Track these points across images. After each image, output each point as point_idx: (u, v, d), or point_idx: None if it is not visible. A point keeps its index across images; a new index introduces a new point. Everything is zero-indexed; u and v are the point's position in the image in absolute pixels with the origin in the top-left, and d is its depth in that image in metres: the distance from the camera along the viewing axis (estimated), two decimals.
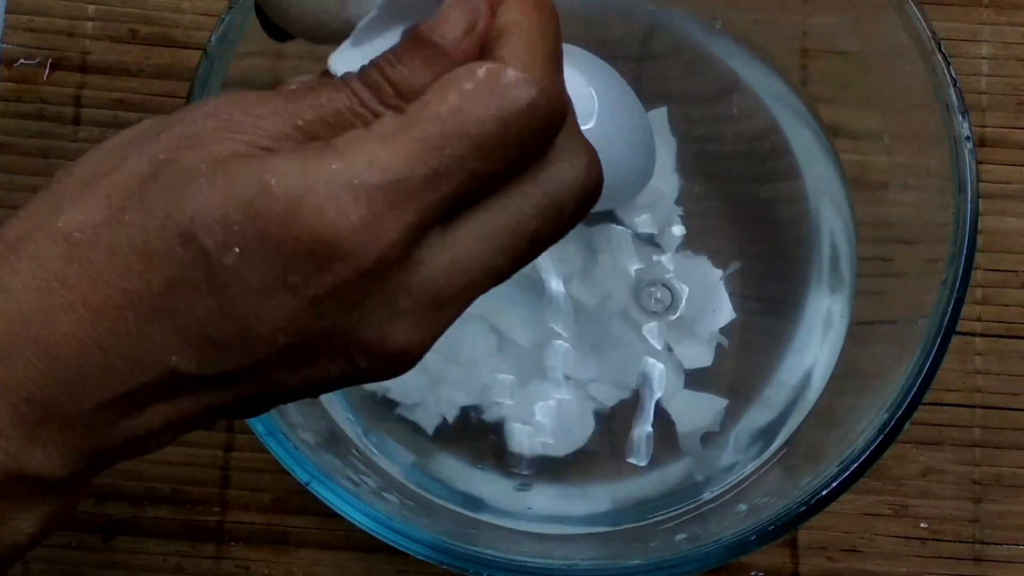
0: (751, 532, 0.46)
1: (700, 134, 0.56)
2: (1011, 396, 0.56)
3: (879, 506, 0.55)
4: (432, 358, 0.52)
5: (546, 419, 0.53)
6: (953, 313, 0.47)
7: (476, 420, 0.54)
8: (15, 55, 0.58)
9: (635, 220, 0.55)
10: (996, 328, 0.57)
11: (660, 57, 0.57)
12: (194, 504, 0.55)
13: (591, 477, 0.54)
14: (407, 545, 0.46)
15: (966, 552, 0.55)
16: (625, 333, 0.54)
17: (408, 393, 0.53)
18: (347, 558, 0.55)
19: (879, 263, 0.54)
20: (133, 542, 0.55)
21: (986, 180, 0.56)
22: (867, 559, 0.55)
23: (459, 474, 0.54)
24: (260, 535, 0.55)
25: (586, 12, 0.56)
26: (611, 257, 0.54)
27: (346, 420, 0.54)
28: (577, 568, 0.48)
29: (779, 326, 0.55)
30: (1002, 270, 0.57)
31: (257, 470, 0.55)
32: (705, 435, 0.54)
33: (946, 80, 0.48)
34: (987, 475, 0.56)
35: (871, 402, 0.48)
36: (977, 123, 0.57)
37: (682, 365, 0.54)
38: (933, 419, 0.56)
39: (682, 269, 0.54)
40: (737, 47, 0.56)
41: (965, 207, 0.47)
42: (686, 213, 0.55)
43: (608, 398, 0.54)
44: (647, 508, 0.53)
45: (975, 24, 0.58)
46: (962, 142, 0.47)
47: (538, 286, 0.54)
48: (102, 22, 0.59)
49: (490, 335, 0.53)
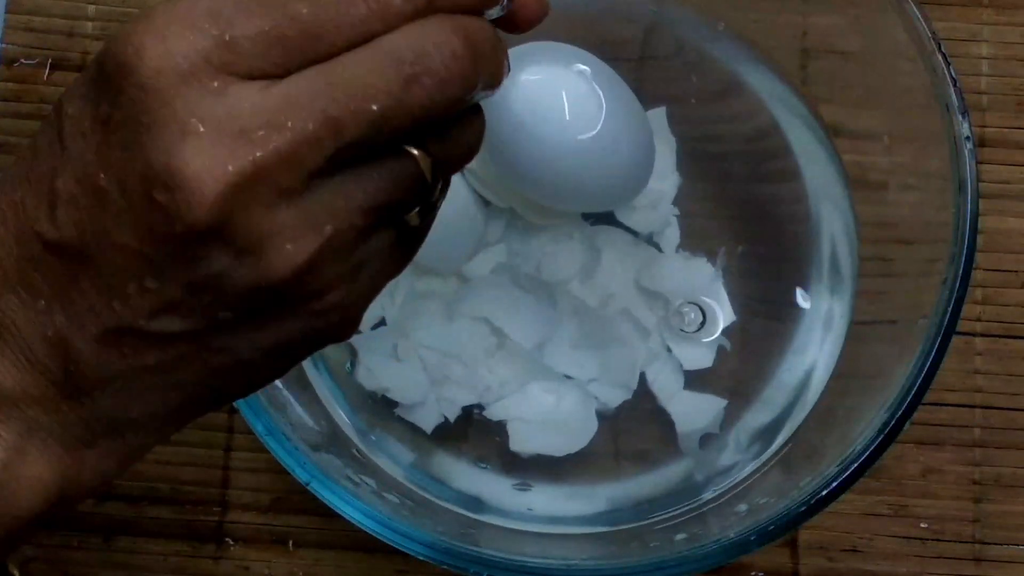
0: (751, 532, 0.46)
1: (700, 134, 0.56)
2: (1011, 396, 0.56)
3: (879, 506, 0.55)
4: (433, 357, 0.53)
5: (547, 419, 0.53)
6: (953, 313, 0.47)
7: (476, 420, 0.54)
8: (15, 55, 0.58)
9: (635, 220, 0.55)
10: (996, 328, 0.57)
11: (660, 57, 0.57)
12: (194, 504, 0.55)
13: (591, 477, 0.54)
14: (407, 545, 0.46)
15: (966, 552, 0.55)
16: (626, 333, 0.54)
17: (408, 393, 0.53)
18: (347, 558, 0.55)
19: (879, 263, 0.54)
20: (133, 542, 0.55)
21: (986, 180, 0.57)
22: (867, 559, 0.55)
23: (459, 474, 0.54)
24: (260, 535, 0.55)
25: (586, 12, 0.56)
26: (612, 257, 0.54)
27: (346, 420, 0.54)
28: (577, 568, 0.48)
29: (779, 326, 0.55)
30: (1002, 270, 0.57)
31: (257, 470, 0.55)
32: (705, 435, 0.54)
33: (946, 80, 0.48)
34: (987, 475, 0.56)
35: (871, 402, 0.48)
36: (977, 123, 0.57)
37: (682, 366, 0.54)
38: (933, 419, 0.56)
39: (682, 269, 0.54)
40: (737, 47, 0.56)
41: (965, 207, 0.47)
42: (686, 213, 0.55)
43: (609, 398, 0.54)
44: (647, 508, 0.53)
45: (975, 24, 0.59)
46: (962, 142, 0.47)
47: (540, 287, 0.54)
48: (102, 22, 0.59)
49: (491, 335, 0.53)
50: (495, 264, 0.54)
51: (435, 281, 0.54)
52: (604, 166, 0.50)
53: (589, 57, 0.50)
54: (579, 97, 0.49)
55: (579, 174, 0.50)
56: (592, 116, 0.49)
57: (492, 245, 0.54)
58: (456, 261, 0.54)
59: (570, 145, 0.49)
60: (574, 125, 0.49)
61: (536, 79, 0.48)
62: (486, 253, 0.54)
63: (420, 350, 0.53)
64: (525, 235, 0.54)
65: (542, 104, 0.48)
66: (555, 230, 0.54)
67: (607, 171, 0.50)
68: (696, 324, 0.54)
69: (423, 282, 0.54)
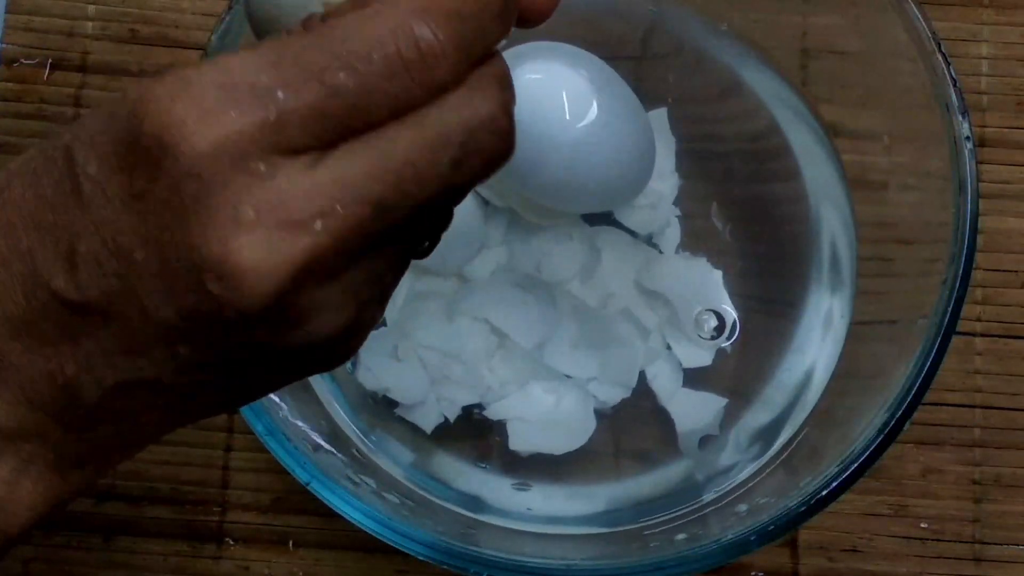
0: (751, 532, 0.46)
1: (700, 134, 0.56)
2: (1011, 396, 0.56)
3: (879, 506, 0.55)
4: (433, 357, 0.53)
5: (546, 419, 0.53)
6: (953, 313, 0.47)
7: (476, 420, 0.54)
8: (15, 55, 0.58)
9: (635, 220, 0.55)
10: (996, 328, 0.57)
11: (660, 57, 0.57)
12: (194, 504, 0.55)
13: (591, 477, 0.54)
14: (407, 545, 0.46)
15: (966, 552, 0.55)
16: (626, 333, 0.54)
17: (408, 393, 0.53)
18: (347, 558, 0.55)
19: (879, 263, 0.54)
20: (133, 542, 0.55)
21: (986, 180, 0.57)
22: (867, 559, 0.55)
23: (459, 474, 0.54)
24: (260, 535, 0.55)
25: (586, 12, 0.56)
26: (612, 258, 0.54)
27: (346, 420, 0.54)
28: (577, 568, 0.48)
29: (779, 326, 0.55)
30: (1002, 270, 0.57)
31: (257, 470, 0.55)
32: (705, 435, 0.54)
33: (946, 80, 0.48)
34: (987, 475, 0.56)
35: (871, 402, 0.48)
36: (977, 123, 0.57)
37: (681, 365, 0.54)
38: (933, 419, 0.56)
39: (682, 269, 0.54)
40: (737, 47, 0.56)
41: (965, 207, 0.47)
42: (686, 213, 0.55)
43: (609, 397, 0.54)
44: (647, 508, 0.53)
45: (975, 24, 0.59)
46: (962, 142, 0.47)
47: (540, 287, 0.54)
48: (102, 22, 0.59)
49: (491, 335, 0.53)
50: (495, 265, 0.54)
51: (435, 281, 0.54)
52: (604, 165, 0.50)
53: (589, 57, 0.50)
54: (579, 96, 0.49)
55: (579, 174, 0.50)
56: (592, 116, 0.49)
57: (492, 246, 0.54)
58: (456, 261, 0.54)
59: (570, 145, 0.49)
60: (574, 124, 0.49)
61: (536, 78, 0.48)
62: (486, 254, 0.54)
63: (420, 350, 0.53)
64: (525, 235, 0.54)
65: (542, 103, 0.48)
66: (555, 230, 0.54)
67: (607, 170, 0.50)
68: (712, 331, 0.54)
69: (423, 282, 0.54)
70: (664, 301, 0.54)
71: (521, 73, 0.48)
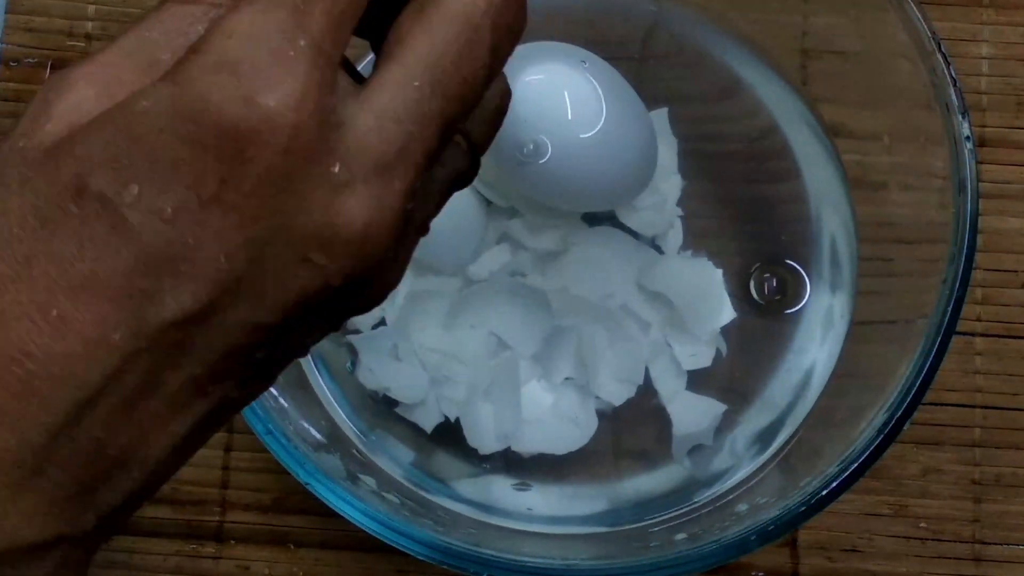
0: (751, 532, 0.46)
1: (701, 134, 0.56)
2: (1011, 396, 0.56)
3: (879, 506, 0.55)
4: (433, 357, 0.53)
5: (547, 418, 0.53)
6: (953, 313, 0.47)
7: None
8: (15, 55, 0.58)
9: (636, 220, 0.54)
10: (996, 328, 0.57)
11: (661, 57, 0.57)
12: (194, 504, 0.55)
13: (591, 477, 0.54)
14: (407, 545, 0.46)
15: (966, 552, 0.55)
16: (627, 332, 0.54)
17: (408, 393, 0.53)
18: (347, 558, 0.55)
19: (879, 263, 0.54)
20: (132, 542, 0.55)
21: (986, 180, 0.57)
22: (867, 559, 0.55)
23: (459, 474, 0.54)
24: (260, 535, 0.55)
25: (586, 12, 0.56)
26: (613, 258, 0.54)
27: (346, 420, 0.54)
28: (577, 568, 0.48)
29: (779, 326, 0.55)
30: (1002, 270, 0.57)
31: (257, 470, 0.55)
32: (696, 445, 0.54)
33: (946, 80, 0.48)
34: (987, 475, 0.56)
35: (871, 402, 0.48)
36: (977, 123, 0.57)
37: (682, 365, 0.54)
38: (933, 419, 0.56)
39: (683, 270, 0.54)
40: (737, 47, 0.56)
41: (965, 207, 0.47)
42: (687, 213, 0.55)
43: (612, 397, 0.54)
44: (647, 508, 0.53)
45: (975, 24, 0.59)
46: (962, 142, 0.47)
47: (539, 292, 0.53)
48: (102, 22, 0.59)
49: (491, 335, 0.53)
50: (496, 266, 0.54)
51: (435, 281, 0.54)
52: (607, 165, 0.50)
53: (591, 56, 0.50)
54: (581, 96, 0.49)
55: (581, 173, 0.50)
56: (594, 115, 0.49)
57: (493, 246, 0.54)
58: (457, 260, 0.53)
59: (572, 144, 0.49)
60: (576, 124, 0.49)
61: (538, 79, 0.48)
62: (487, 253, 0.54)
63: (420, 350, 0.53)
64: (526, 235, 0.54)
65: (544, 104, 0.48)
66: (556, 230, 0.54)
67: (609, 170, 0.50)
68: (776, 293, 0.54)
69: (423, 282, 0.54)
70: (665, 301, 0.54)
71: (524, 74, 0.48)
